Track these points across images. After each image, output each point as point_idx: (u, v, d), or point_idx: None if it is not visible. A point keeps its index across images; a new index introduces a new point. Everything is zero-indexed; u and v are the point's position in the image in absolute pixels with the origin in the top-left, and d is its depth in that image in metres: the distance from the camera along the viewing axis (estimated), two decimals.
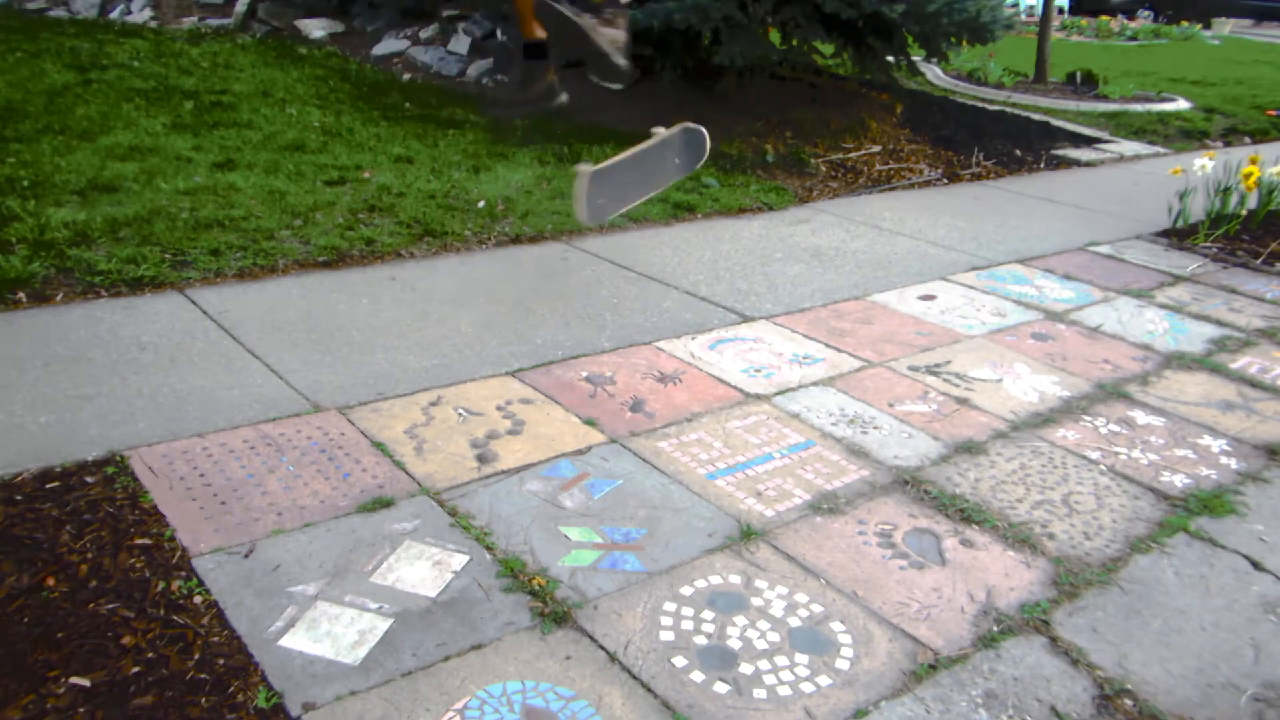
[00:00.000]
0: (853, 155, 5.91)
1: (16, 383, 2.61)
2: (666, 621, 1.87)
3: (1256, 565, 2.18)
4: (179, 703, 1.60)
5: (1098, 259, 4.42)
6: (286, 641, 1.75)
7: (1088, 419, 2.83)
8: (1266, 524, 2.34)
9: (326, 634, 1.78)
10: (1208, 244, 4.65)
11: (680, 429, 2.63)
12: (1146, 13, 18.90)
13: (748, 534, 2.16)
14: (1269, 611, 2.02)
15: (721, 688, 1.72)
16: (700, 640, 1.83)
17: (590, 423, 2.62)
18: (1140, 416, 2.87)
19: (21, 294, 3.14)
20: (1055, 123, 7.48)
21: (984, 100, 8.18)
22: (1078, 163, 6.46)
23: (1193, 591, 2.08)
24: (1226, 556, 2.21)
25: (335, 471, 2.30)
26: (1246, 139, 7.71)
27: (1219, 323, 3.68)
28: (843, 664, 1.80)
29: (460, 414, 2.62)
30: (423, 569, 1.97)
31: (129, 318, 3.06)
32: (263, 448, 2.38)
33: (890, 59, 6.79)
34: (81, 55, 6.87)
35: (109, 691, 1.61)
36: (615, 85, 3.38)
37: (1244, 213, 4.81)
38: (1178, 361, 3.29)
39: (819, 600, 1.97)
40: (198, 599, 1.84)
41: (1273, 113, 8.63)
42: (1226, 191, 4.86)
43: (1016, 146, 6.60)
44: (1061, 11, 16.19)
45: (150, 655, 1.69)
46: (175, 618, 1.79)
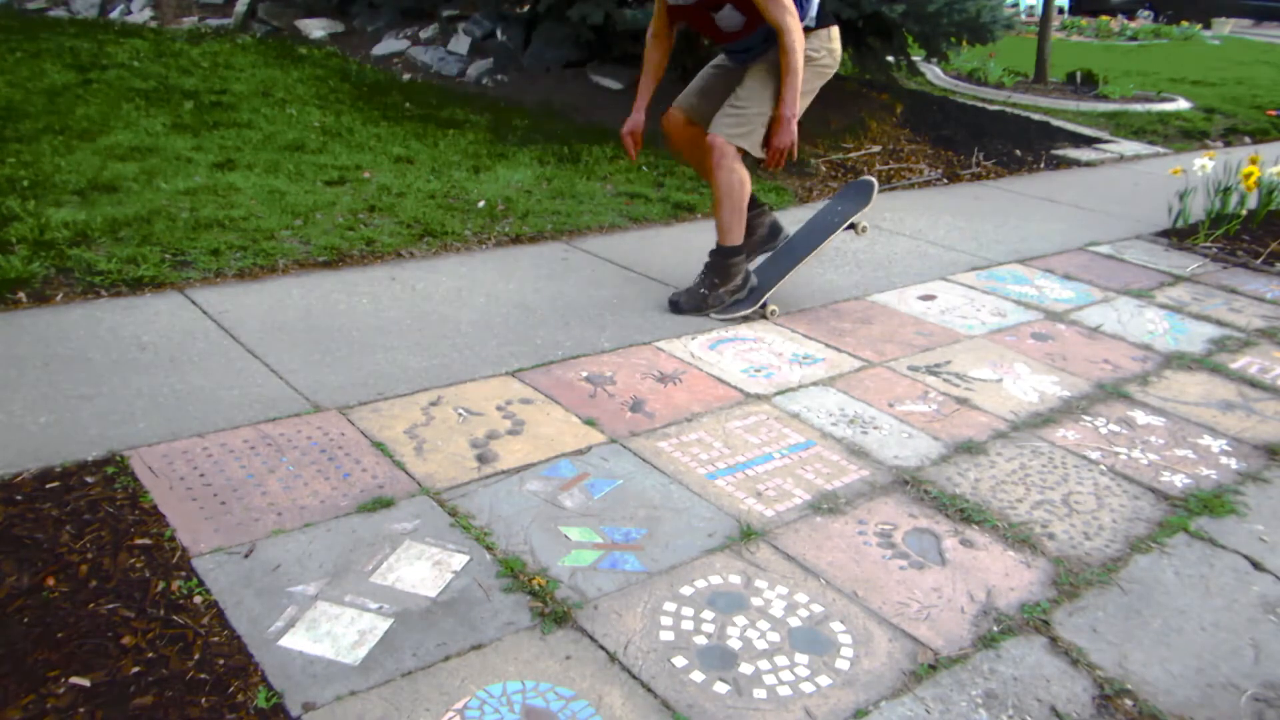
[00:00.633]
0: (853, 155, 5.91)
1: (16, 383, 2.61)
2: (666, 621, 1.87)
3: (1256, 565, 2.18)
4: (179, 703, 1.60)
5: (1098, 259, 4.42)
6: (286, 641, 1.76)
7: (1088, 419, 2.83)
8: (1266, 524, 2.35)
9: (326, 634, 1.78)
10: (1208, 244, 4.65)
11: (680, 429, 2.63)
12: (1146, 13, 18.92)
13: (748, 534, 2.16)
14: (1269, 611, 2.03)
15: (721, 688, 1.72)
16: (700, 640, 1.83)
17: (590, 423, 2.62)
18: (1140, 416, 2.87)
19: (21, 294, 3.14)
20: (1055, 123, 7.49)
21: (984, 100, 8.18)
22: (1078, 163, 6.46)
23: (1193, 591, 2.08)
24: (1226, 556, 2.21)
25: (335, 471, 2.30)
26: (1246, 139, 7.72)
27: (1219, 323, 3.68)
28: (843, 664, 1.80)
29: (460, 414, 2.62)
30: (423, 569, 1.97)
31: (129, 318, 3.06)
32: (263, 448, 2.38)
33: (890, 59, 6.80)
34: (81, 55, 6.87)
35: (109, 691, 1.61)
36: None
37: (1244, 213, 4.81)
38: (1178, 361, 3.29)
39: (819, 600, 1.97)
40: (198, 599, 1.84)
41: (1273, 113, 8.64)
42: (1226, 191, 4.86)
43: (1016, 146, 6.60)
44: (1061, 11, 16.20)
45: (150, 655, 1.69)
46: (175, 618, 1.79)
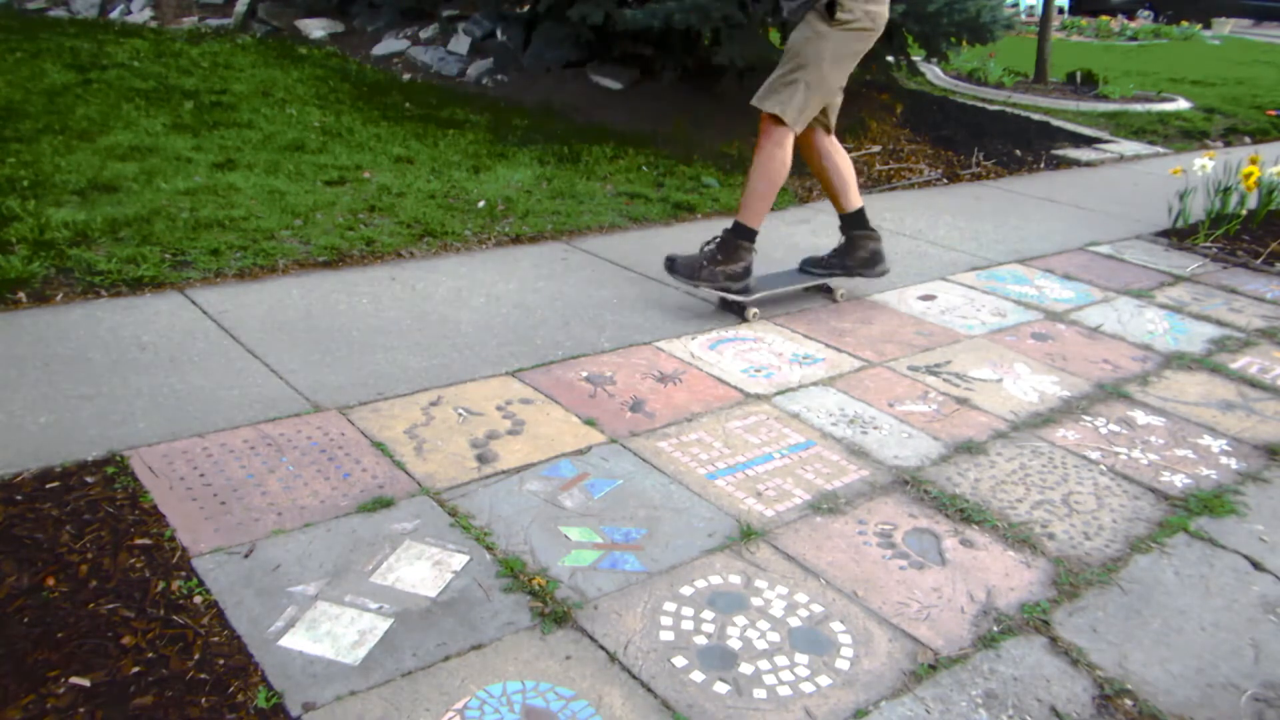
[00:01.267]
0: (853, 155, 5.89)
1: (16, 383, 2.61)
2: (666, 621, 1.87)
3: (1256, 565, 2.18)
4: (179, 703, 1.60)
5: (1098, 259, 4.42)
6: (286, 641, 1.75)
7: (1088, 419, 2.83)
8: (1266, 524, 2.34)
9: (326, 634, 1.78)
10: (1208, 244, 4.65)
11: (680, 429, 2.63)
12: (1146, 13, 18.91)
13: (748, 534, 2.16)
14: (1269, 611, 2.03)
15: (721, 688, 1.72)
16: (700, 640, 1.83)
17: (590, 423, 2.62)
18: (1140, 416, 2.87)
19: (21, 294, 3.14)
20: (1055, 123, 7.48)
21: (984, 100, 8.18)
22: (1078, 163, 6.46)
23: (1193, 591, 2.08)
24: (1226, 556, 2.21)
25: (335, 471, 2.30)
26: (1246, 139, 7.71)
27: (1219, 323, 3.68)
28: (843, 664, 1.80)
29: (460, 414, 2.62)
30: (423, 569, 1.97)
31: (129, 318, 3.06)
32: (263, 448, 2.38)
33: (890, 59, 6.79)
34: (81, 55, 6.87)
35: (109, 691, 1.61)
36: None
37: (1244, 213, 4.81)
38: (1178, 361, 3.29)
39: (819, 600, 1.97)
40: (198, 599, 1.84)
41: (1273, 113, 8.64)
42: (1226, 191, 4.86)
43: (1016, 146, 6.60)
44: (1061, 11, 16.20)
45: (150, 655, 1.69)
46: (175, 618, 1.79)
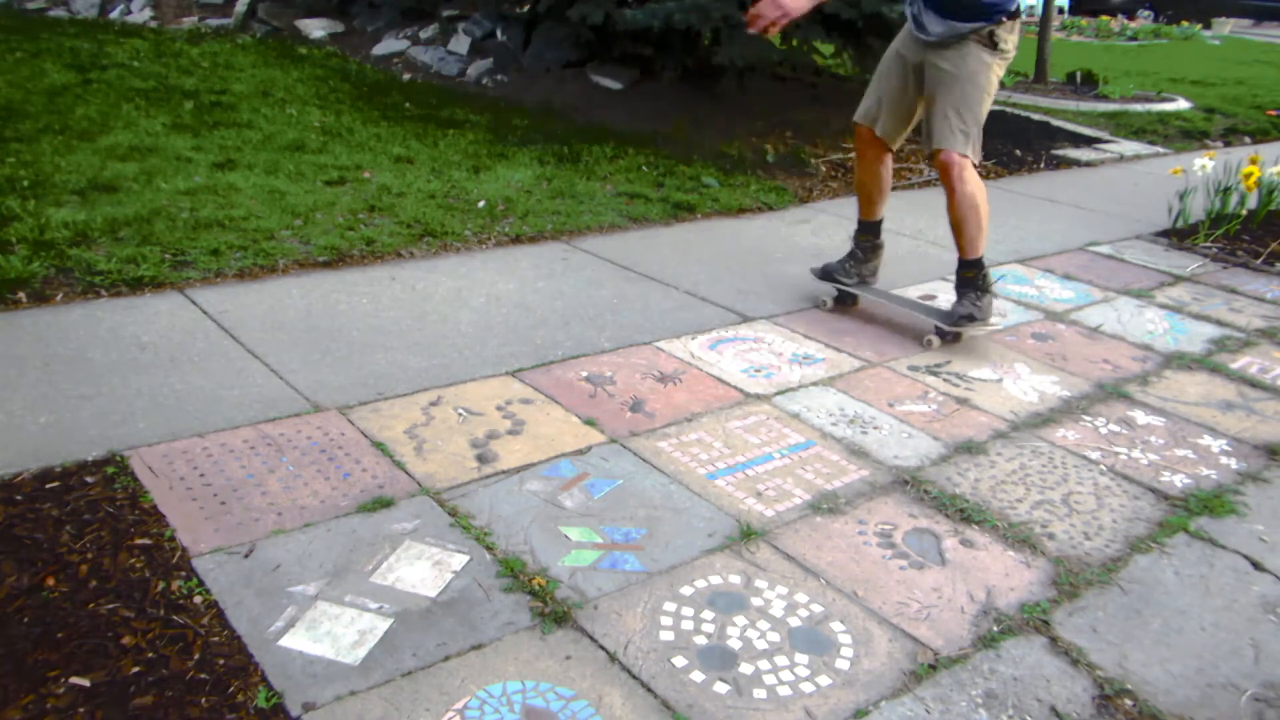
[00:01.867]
0: (853, 155, 5.89)
1: (16, 383, 2.61)
2: (666, 621, 1.87)
3: (1256, 565, 2.18)
4: (179, 703, 1.60)
5: (1098, 259, 4.42)
6: (286, 641, 1.76)
7: (1088, 419, 2.83)
8: (1266, 524, 2.35)
9: (326, 634, 1.78)
10: (1208, 244, 4.64)
11: (680, 429, 2.63)
12: (1146, 13, 18.90)
13: (748, 534, 2.16)
14: (1269, 611, 2.03)
15: (721, 688, 1.72)
16: (700, 640, 1.83)
17: (590, 423, 2.62)
18: (1140, 416, 2.87)
19: (21, 294, 3.14)
20: (1055, 123, 7.48)
21: None
22: (1078, 163, 6.46)
23: (1193, 591, 2.08)
24: (1226, 556, 2.21)
25: (335, 471, 2.30)
26: (1246, 139, 7.71)
27: (1219, 323, 3.68)
28: (843, 664, 1.80)
29: (460, 414, 2.62)
30: (423, 569, 1.97)
31: (129, 318, 3.06)
32: (263, 448, 2.38)
33: None
34: (81, 55, 6.87)
35: (109, 691, 1.61)
36: None
37: (1244, 213, 4.80)
38: (1178, 361, 3.29)
39: (819, 600, 1.97)
40: (198, 599, 1.84)
41: (1273, 113, 8.64)
42: (1226, 191, 4.86)
43: (1016, 146, 6.60)
44: (1061, 11, 16.19)
45: (150, 655, 1.69)
46: (175, 618, 1.79)
